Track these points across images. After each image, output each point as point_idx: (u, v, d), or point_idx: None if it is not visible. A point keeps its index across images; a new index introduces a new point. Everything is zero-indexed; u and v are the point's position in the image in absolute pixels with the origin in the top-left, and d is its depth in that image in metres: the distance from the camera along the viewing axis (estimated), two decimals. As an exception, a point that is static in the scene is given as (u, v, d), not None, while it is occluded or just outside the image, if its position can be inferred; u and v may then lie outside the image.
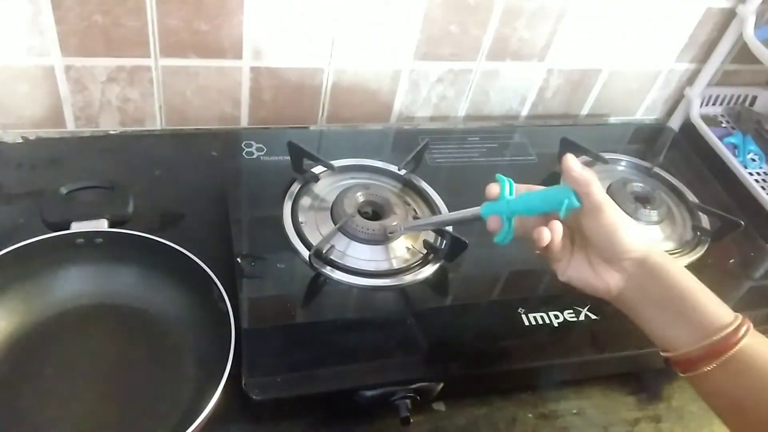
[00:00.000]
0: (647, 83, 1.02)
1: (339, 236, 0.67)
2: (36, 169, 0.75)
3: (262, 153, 0.75)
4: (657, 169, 0.88)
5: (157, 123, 0.83)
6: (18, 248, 0.57)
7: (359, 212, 0.69)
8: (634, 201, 0.79)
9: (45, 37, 0.70)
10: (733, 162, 0.94)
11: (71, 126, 0.80)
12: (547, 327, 0.64)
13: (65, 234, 0.60)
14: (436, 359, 0.60)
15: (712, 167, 0.93)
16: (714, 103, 1.05)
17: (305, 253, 0.64)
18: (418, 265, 0.67)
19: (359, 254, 0.66)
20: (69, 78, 0.75)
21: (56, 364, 0.56)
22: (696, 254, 0.77)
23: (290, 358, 0.56)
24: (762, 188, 0.91)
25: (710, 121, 1.02)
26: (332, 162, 0.75)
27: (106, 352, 0.58)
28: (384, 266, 0.66)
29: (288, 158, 0.72)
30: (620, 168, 0.89)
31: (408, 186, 0.77)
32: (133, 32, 0.72)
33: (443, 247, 0.68)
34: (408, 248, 0.69)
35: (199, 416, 0.49)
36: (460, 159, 0.83)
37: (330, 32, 0.80)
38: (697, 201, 0.84)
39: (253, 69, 0.80)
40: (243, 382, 0.53)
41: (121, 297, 0.61)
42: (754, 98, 1.07)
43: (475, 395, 0.64)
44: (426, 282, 0.66)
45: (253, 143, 0.76)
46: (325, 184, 0.74)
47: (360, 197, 0.70)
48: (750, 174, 0.94)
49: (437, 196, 0.75)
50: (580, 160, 0.86)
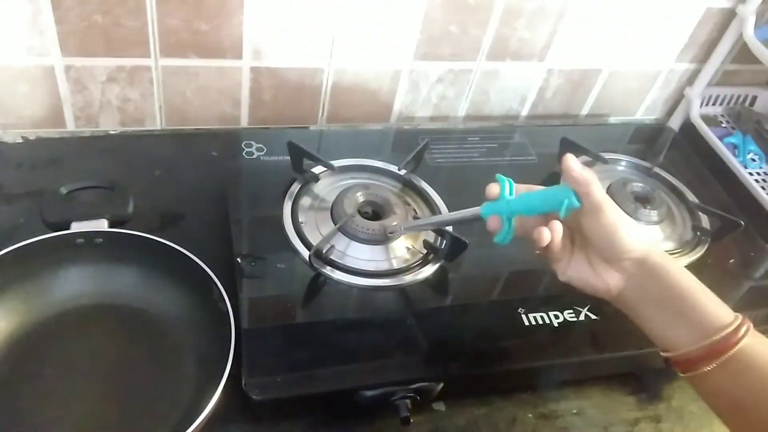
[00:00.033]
0: (647, 83, 1.02)
1: (339, 236, 0.67)
2: (36, 169, 0.75)
3: (262, 153, 0.75)
4: (657, 169, 0.88)
5: (157, 123, 0.83)
6: (18, 248, 0.57)
7: (359, 212, 0.69)
8: (634, 201, 0.79)
9: (45, 37, 0.70)
10: (733, 162, 0.94)
11: (71, 126, 0.80)
12: (547, 327, 0.64)
13: (65, 234, 0.60)
14: (436, 359, 0.60)
15: (712, 167, 0.93)
16: (714, 103, 1.05)
17: (305, 253, 0.64)
18: (418, 265, 0.67)
19: (359, 254, 0.66)
20: (69, 78, 0.75)
21: (56, 364, 0.56)
22: (696, 254, 0.77)
23: (290, 358, 0.56)
24: (762, 188, 0.91)
25: (710, 121, 1.02)
26: (332, 162, 0.75)
27: (106, 352, 0.58)
28: (384, 266, 0.66)
29: (288, 158, 0.72)
30: (620, 168, 0.89)
31: (408, 186, 0.77)
32: (133, 32, 0.72)
33: (443, 247, 0.68)
34: (408, 248, 0.69)
35: (199, 416, 0.49)
36: (460, 159, 0.83)
37: (330, 32, 0.80)
38: (697, 201, 0.84)
39: (253, 69, 0.80)
40: (243, 382, 0.53)
41: (121, 297, 0.61)
42: (754, 98, 1.07)
43: (475, 395, 0.64)
44: (426, 282, 0.66)
45: (253, 143, 0.76)
46: (325, 184, 0.74)
47: (360, 197, 0.70)
48: (750, 174, 0.94)
49: (437, 196, 0.75)
50: (580, 160, 0.86)
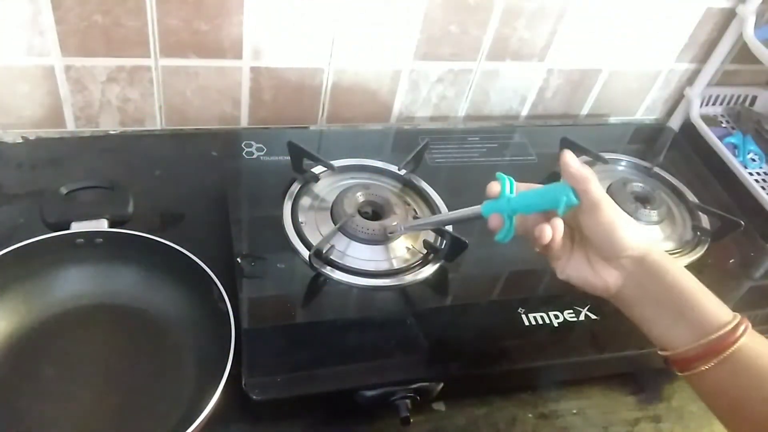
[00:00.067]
0: (647, 83, 1.02)
1: (339, 236, 0.67)
2: (36, 169, 0.75)
3: (262, 153, 0.75)
4: (657, 169, 0.88)
5: (157, 123, 0.83)
6: (18, 248, 0.57)
7: (359, 212, 0.69)
8: (634, 201, 0.79)
9: (45, 37, 0.70)
10: (733, 162, 0.94)
11: (71, 126, 0.80)
12: (547, 327, 0.64)
13: (65, 234, 0.60)
14: (436, 359, 0.60)
15: (712, 167, 0.93)
16: (714, 103, 1.05)
17: (305, 253, 0.64)
18: (418, 265, 0.67)
19: (359, 254, 0.66)
20: (69, 78, 0.75)
21: (56, 364, 0.56)
22: (696, 254, 0.77)
23: (290, 358, 0.56)
24: (762, 188, 0.91)
25: (710, 121, 1.02)
26: (332, 162, 0.75)
27: (106, 352, 0.58)
28: (384, 266, 0.66)
29: (288, 158, 0.72)
30: (620, 168, 0.89)
31: (408, 186, 0.77)
32: (133, 32, 0.72)
33: (443, 247, 0.68)
34: (408, 248, 0.69)
35: (199, 416, 0.49)
36: (460, 159, 0.82)
37: (330, 32, 0.80)
38: (697, 201, 0.84)
39: (253, 69, 0.80)
40: (243, 382, 0.53)
41: (121, 297, 0.61)
42: (754, 98, 1.07)
43: (475, 395, 0.64)
44: (426, 282, 0.66)
45: (253, 143, 0.76)
46: (325, 184, 0.74)
47: (360, 197, 0.70)
48: (750, 174, 0.94)
49: (437, 196, 0.75)
50: (581, 160, 0.86)
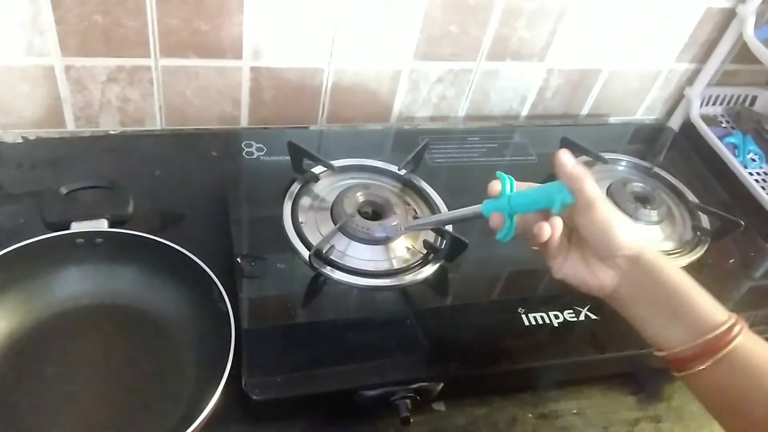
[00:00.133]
0: (647, 83, 1.02)
1: (339, 236, 0.67)
2: (36, 169, 0.75)
3: (262, 153, 0.75)
4: (657, 169, 0.88)
5: (157, 123, 0.83)
6: (18, 248, 0.57)
7: (359, 212, 0.69)
8: (634, 201, 0.79)
9: (45, 37, 0.70)
10: (733, 162, 0.94)
11: (71, 126, 0.80)
12: (547, 327, 0.64)
13: (65, 234, 0.60)
14: (436, 359, 0.60)
15: (712, 167, 0.93)
16: (714, 103, 1.05)
17: (305, 253, 0.64)
18: (418, 265, 0.67)
19: (359, 254, 0.66)
20: (69, 78, 0.75)
21: (56, 364, 0.56)
22: (696, 254, 0.77)
23: (290, 358, 0.56)
24: (762, 188, 0.91)
25: (710, 121, 1.02)
26: (332, 162, 0.75)
27: (106, 352, 0.58)
28: (384, 266, 0.66)
29: (288, 158, 0.72)
30: (620, 168, 0.89)
31: (408, 186, 0.77)
32: (133, 32, 0.72)
33: (443, 247, 0.68)
34: (408, 248, 0.69)
35: (199, 416, 0.49)
36: (460, 159, 0.82)
37: (330, 32, 0.80)
38: (697, 201, 0.84)
39: (253, 69, 0.80)
40: (243, 382, 0.53)
41: (121, 297, 0.61)
42: (754, 98, 1.07)
43: (475, 395, 0.64)
44: (426, 282, 0.66)
45: (253, 143, 0.76)
46: (325, 184, 0.74)
47: (360, 197, 0.70)
48: (750, 174, 0.94)
49: (437, 196, 0.75)
50: (581, 161, 0.86)
